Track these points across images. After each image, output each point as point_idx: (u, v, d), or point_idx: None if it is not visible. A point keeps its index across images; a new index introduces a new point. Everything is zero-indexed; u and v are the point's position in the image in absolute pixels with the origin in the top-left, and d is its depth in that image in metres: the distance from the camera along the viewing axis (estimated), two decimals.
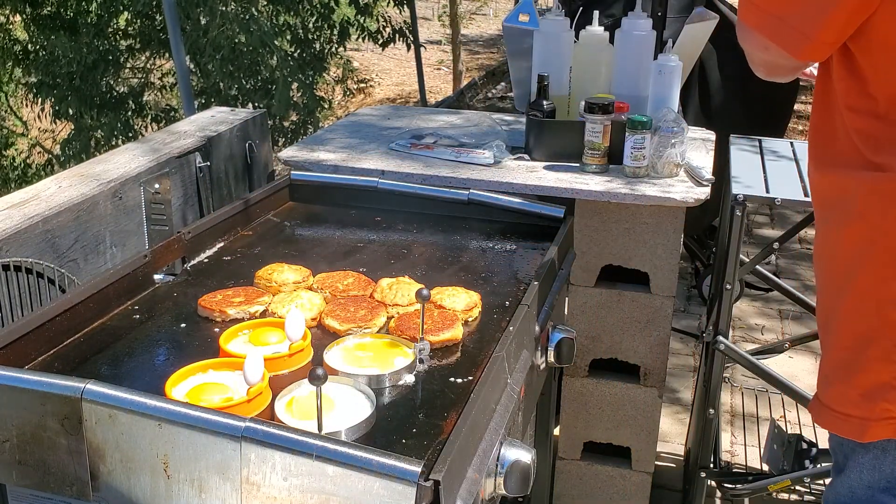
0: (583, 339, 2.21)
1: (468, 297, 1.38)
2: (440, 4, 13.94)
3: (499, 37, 12.66)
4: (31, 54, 7.22)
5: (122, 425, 0.97)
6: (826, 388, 1.19)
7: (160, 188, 2.15)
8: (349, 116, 2.70)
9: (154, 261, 1.44)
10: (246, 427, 0.92)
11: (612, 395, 2.25)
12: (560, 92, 2.23)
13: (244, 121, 2.58)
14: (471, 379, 1.17)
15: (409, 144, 2.26)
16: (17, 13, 7.11)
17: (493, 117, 2.65)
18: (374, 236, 1.74)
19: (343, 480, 0.88)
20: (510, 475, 1.05)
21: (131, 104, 7.07)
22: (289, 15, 6.61)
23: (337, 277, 1.47)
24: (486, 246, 1.69)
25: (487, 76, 10.38)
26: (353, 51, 9.80)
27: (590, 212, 2.11)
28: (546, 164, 2.13)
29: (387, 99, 10.45)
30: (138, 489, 0.98)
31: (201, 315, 1.35)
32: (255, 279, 1.46)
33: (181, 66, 4.93)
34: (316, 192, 1.90)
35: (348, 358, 1.21)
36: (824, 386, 1.20)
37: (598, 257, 2.15)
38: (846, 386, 1.14)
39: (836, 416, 1.17)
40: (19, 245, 1.71)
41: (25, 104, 8.12)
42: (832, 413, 1.17)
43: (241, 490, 0.93)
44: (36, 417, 1.00)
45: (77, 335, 1.26)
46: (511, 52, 2.40)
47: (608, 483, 2.35)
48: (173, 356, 1.24)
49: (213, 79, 6.15)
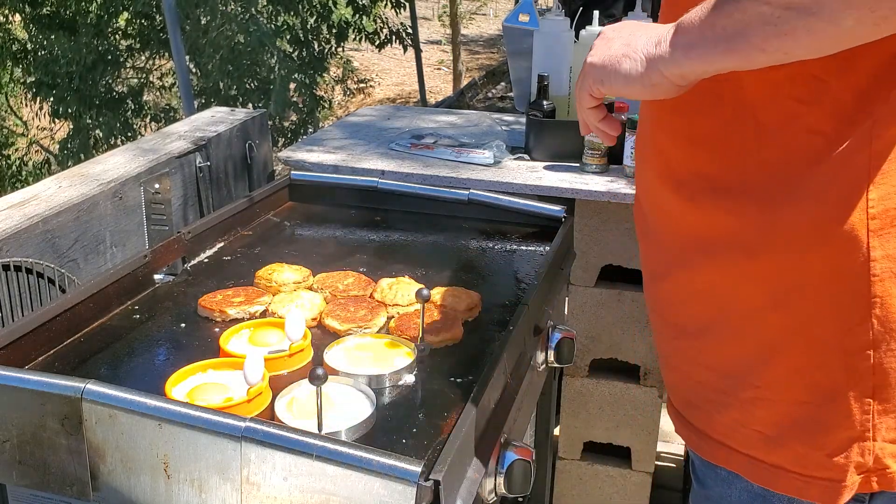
0: (583, 339, 2.21)
1: (468, 297, 1.38)
2: (440, 4, 13.95)
3: (499, 37, 12.67)
4: (31, 54, 7.22)
5: (123, 425, 0.97)
6: (775, 449, 1.00)
7: (160, 188, 2.15)
8: (349, 116, 2.70)
9: (154, 261, 1.44)
10: (246, 427, 0.92)
11: (611, 395, 2.26)
12: (560, 92, 2.23)
13: (244, 121, 2.58)
14: (471, 379, 1.17)
15: (409, 144, 2.26)
16: (17, 12, 7.11)
17: (493, 117, 2.65)
18: (374, 236, 1.74)
19: (343, 480, 0.88)
20: (510, 475, 1.05)
21: (131, 104, 7.07)
22: (288, 15, 6.61)
23: (337, 277, 1.47)
24: (486, 246, 1.69)
25: (487, 76, 10.39)
26: (352, 51, 9.81)
27: (590, 212, 2.11)
28: (546, 164, 2.13)
29: (387, 99, 10.45)
30: (138, 489, 0.98)
31: (201, 315, 1.35)
32: (255, 279, 1.46)
33: (181, 66, 4.94)
34: (316, 192, 1.90)
35: (348, 358, 1.21)
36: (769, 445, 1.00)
37: (598, 257, 2.15)
38: (808, 447, 0.98)
39: (797, 478, 1.00)
40: (19, 245, 1.71)
41: (25, 103, 8.13)
42: (792, 476, 1.00)
43: (242, 490, 0.93)
44: (36, 417, 1.00)
45: (77, 335, 1.26)
46: (511, 52, 2.40)
47: (608, 483, 2.35)
48: (173, 356, 1.24)
49: (213, 79, 6.15)
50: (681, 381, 1.12)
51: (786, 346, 0.96)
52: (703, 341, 1.04)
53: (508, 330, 1.22)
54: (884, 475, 0.97)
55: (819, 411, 0.96)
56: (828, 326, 0.93)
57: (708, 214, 0.98)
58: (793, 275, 0.93)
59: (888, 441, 0.95)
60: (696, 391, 1.08)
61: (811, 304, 0.93)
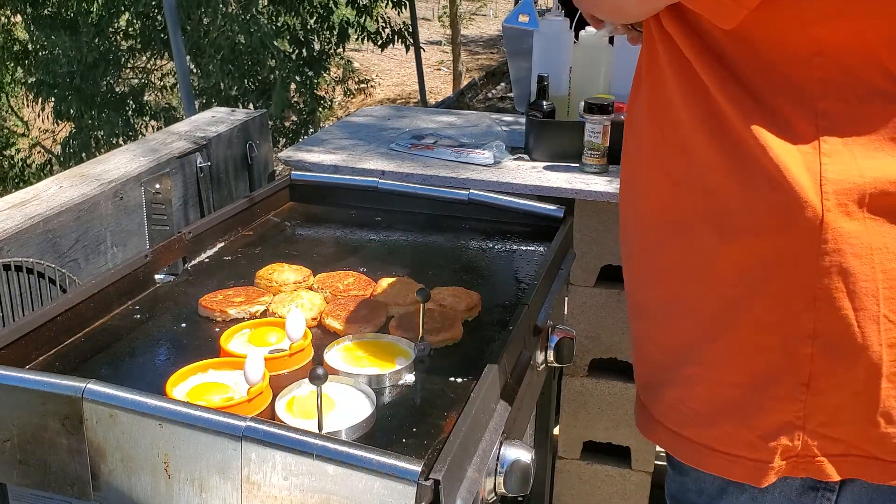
0: (583, 339, 2.21)
1: (468, 297, 1.38)
2: (440, 5, 13.95)
3: (499, 37, 12.67)
4: (32, 54, 7.23)
5: (123, 425, 0.97)
6: (705, 428, 1.03)
7: (161, 188, 2.15)
8: (349, 117, 2.71)
9: (155, 261, 1.44)
10: (246, 426, 0.92)
11: (611, 395, 2.26)
12: (560, 92, 2.23)
13: (244, 121, 2.59)
14: (471, 379, 1.17)
15: (409, 145, 2.26)
16: (18, 13, 7.12)
17: (493, 117, 2.65)
18: (374, 236, 1.75)
19: (343, 480, 0.89)
20: (510, 475, 1.05)
21: (132, 104, 7.08)
22: (289, 16, 6.62)
23: (337, 277, 1.47)
24: (486, 246, 1.70)
25: (487, 76, 10.39)
26: (353, 51, 9.81)
27: (590, 212, 2.11)
28: (546, 164, 2.13)
29: (387, 99, 10.46)
30: (139, 488, 0.99)
31: (202, 315, 1.35)
32: (255, 279, 1.47)
33: (182, 67, 4.94)
34: (316, 192, 1.90)
35: (348, 358, 1.21)
36: (700, 424, 1.03)
37: (598, 257, 2.15)
38: (739, 427, 0.99)
39: (723, 457, 1.02)
40: (20, 245, 1.72)
41: (26, 104, 8.13)
42: (718, 455, 1.02)
43: (242, 489, 0.93)
44: (37, 417, 1.01)
45: (78, 335, 1.26)
46: (511, 52, 2.40)
47: (608, 483, 2.35)
48: (174, 356, 1.24)
49: (214, 79, 6.15)
50: (640, 364, 1.15)
51: (732, 325, 0.98)
52: (662, 319, 1.07)
53: (508, 330, 1.22)
54: (811, 462, 0.99)
55: (754, 394, 0.98)
56: (774, 310, 0.95)
57: (685, 191, 1.00)
58: (753, 256, 0.95)
59: (817, 429, 0.97)
60: (650, 371, 1.12)
61: (763, 286, 0.95)
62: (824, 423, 0.97)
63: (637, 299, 1.14)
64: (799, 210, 0.91)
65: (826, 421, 0.97)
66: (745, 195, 0.94)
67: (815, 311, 0.93)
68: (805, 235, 0.91)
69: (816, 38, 0.90)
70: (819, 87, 0.92)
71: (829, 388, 0.95)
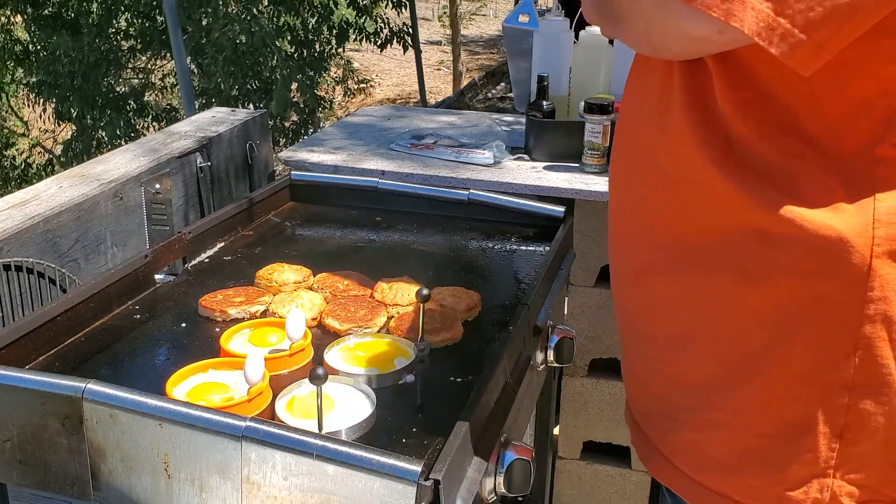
0: (583, 339, 2.21)
1: (468, 297, 1.38)
2: (440, 5, 13.95)
3: (499, 37, 12.67)
4: (33, 54, 7.23)
5: (123, 425, 0.97)
6: (724, 476, 0.98)
7: (161, 188, 2.15)
8: (349, 117, 2.71)
9: (155, 261, 1.44)
10: (246, 426, 0.92)
11: (611, 395, 2.26)
12: (560, 92, 2.23)
13: (245, 121, 2.59)
14: (471, 379, 1.17)
15: (409, 145, 2.27)
16: (19, 13, 7.12)
17: (493, 117, 2.65)
18: (374, 236, 1.75)
19: (343, 480, 0.89)
20: (510, 475, 1.05)
21: (132, 104, 7.08)
22: (289, 16, 6.62)
23: (337, 277, 1.47)
24: (486, 246, 1.70)
25: (487, 76, 10.39)
26: (353, 51, 9.81)
27: (590, 212, 2.11)
28: (546, 164, 2.13)
29: (387, 99, 10.46)
30: (139, 488, 0.99)
31: (202, 315, 1.35)
32: (255, 279, 1.47)
33: (182, 67, 4.95)
34: (316, 192, 1.90)
35: (348, 358, 1.21)
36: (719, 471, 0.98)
37: (598, 257, 2.15)
38: (765, 480, 0.95)
39: None
40: (20, 245, 1.72)
41: (27, 104, 8.13)
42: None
43: (242, 489, 0.93)
44: (37, 417, 1.01)
45: (78, 335, 1.26)
46: (511, 52, 2.40)
47: (608, 483, 2.35)
48: (174, 356, 1.24)
49: (215, 79, 6.16)
50: (642, 392, 1.10)
51: (760, 371, 0.93)
52: (673, 353, 1.01)
53: (508, 330, 1.22)
54: None
55: (784, 444, 0.94)
56: (810, 358, 0.90)
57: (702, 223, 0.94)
58: (790, 298, 0.90)
59: (847, 479, 0.93)
60: (655, 404, 1.06)
61: (797, 333, 0.90)
62: (851, 471, 0.93)
63: (638, 324, 1.07)
64: (846, 254, 0.86)
65: (853, 469, 0.93)
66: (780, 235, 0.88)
67: (855, 360, 0.89)
68: (850, 281, 0.86)
69: (888, 77, 0.85)
70: (880, 129, 0.86)
71: (863, 438, 0.91)
